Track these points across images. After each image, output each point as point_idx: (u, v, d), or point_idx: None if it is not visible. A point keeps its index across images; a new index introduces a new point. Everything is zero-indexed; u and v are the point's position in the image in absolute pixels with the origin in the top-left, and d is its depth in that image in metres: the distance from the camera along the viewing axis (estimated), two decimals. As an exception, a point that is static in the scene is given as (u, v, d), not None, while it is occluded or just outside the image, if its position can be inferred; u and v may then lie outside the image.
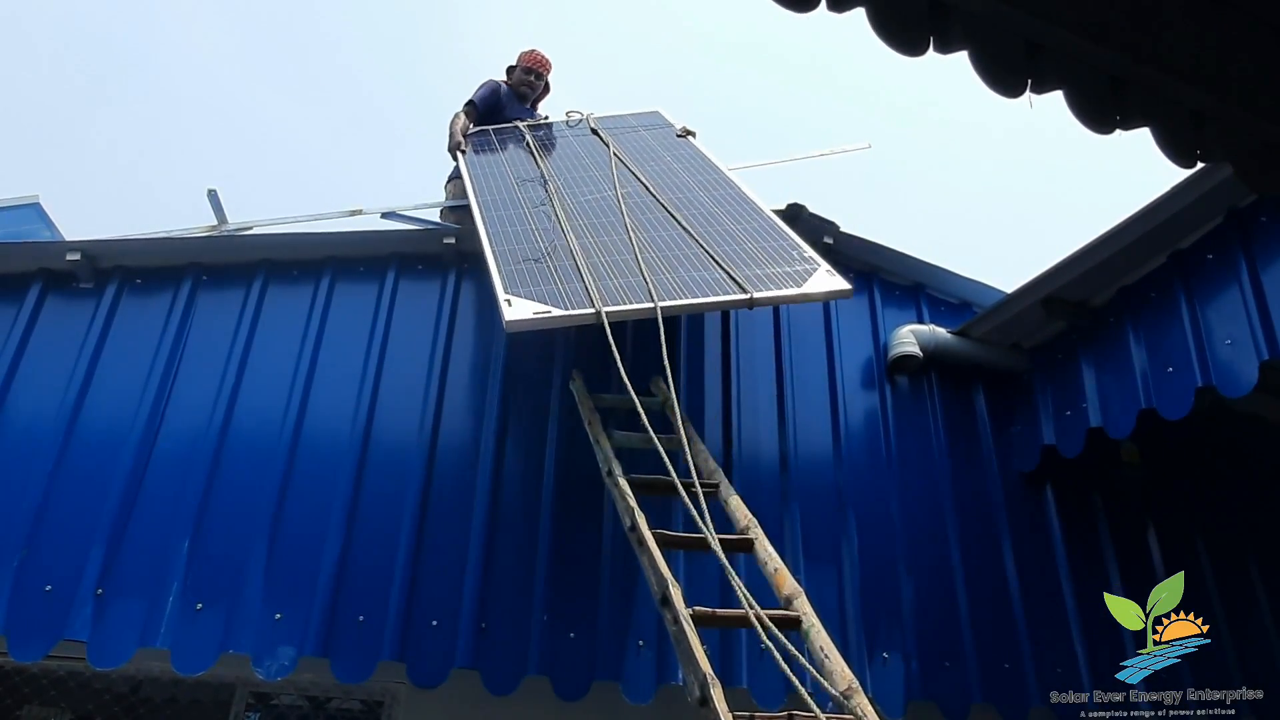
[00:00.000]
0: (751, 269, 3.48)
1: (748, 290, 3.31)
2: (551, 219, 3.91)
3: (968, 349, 4.35)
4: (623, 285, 3.37)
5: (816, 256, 3.59)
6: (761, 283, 3.38)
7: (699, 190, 4.28)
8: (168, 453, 3.29)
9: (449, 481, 3.43)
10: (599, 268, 3.46)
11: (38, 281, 3.51)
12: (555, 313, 3.17)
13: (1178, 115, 2.03)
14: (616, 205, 4.02)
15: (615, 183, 4.26)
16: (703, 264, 3.52)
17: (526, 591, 3.27)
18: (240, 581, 3.08)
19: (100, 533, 3.06)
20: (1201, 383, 3.34)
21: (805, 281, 3.41)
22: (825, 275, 3.45)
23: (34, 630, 2.88)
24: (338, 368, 3.60)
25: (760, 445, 3.86)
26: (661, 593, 2.28)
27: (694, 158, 4.74)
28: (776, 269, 3.49)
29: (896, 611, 3.67)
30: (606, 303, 3.20)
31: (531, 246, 3.65)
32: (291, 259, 3.83)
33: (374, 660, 3.04)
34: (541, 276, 3.40)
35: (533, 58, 5.58)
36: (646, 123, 5.29)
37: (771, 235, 3.78)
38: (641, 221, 3.87)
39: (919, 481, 4.05)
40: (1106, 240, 3.76)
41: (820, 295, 3.45)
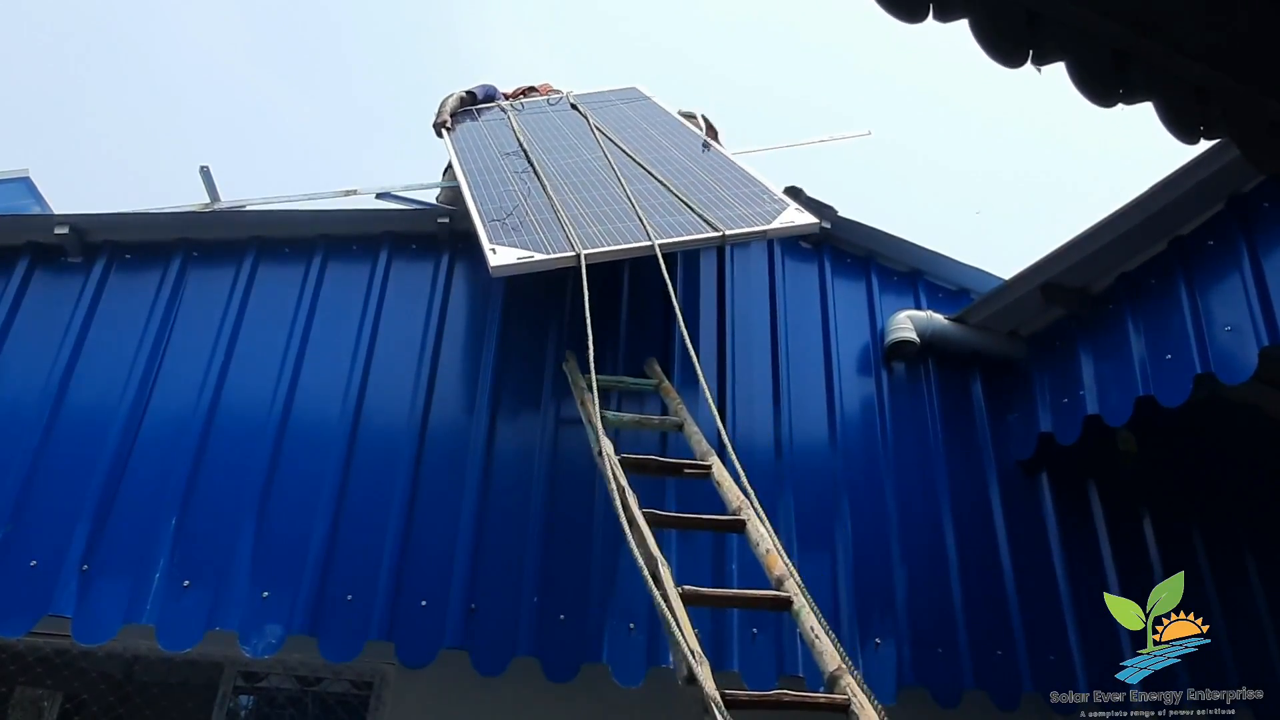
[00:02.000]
0: (724, 211, 3.69)
1: (720, 229, 3.51)
2: (533, 180, 4.05)
3: (965, 336, 4.32)
4: (601, 231, 3.53)
5: (785, 198, 3.82)
6: (733, 222, 3.59)
7: (674, 149, 4.46)
8: (155, 430, 3.25)
9: (440, 462, 3.40)
10: (579, 218, 3.63)
11: (25, 255, 3.47)
12: (538, 257, 3.31)
13: (1181, 90, 2.00)
14: (594, 166, 4.17)
15: (593, 147, 4.35)
16: (678, 210, 3.73)
17: (517, 572, 3.24)
18: (228, 559, 3.05)
19: (86, 509, 3.03)
20: (1200, 370, 3.32)
21: (774, 219, 3.64)
22: (793, 212, 3.69)
23: (18, 605, 2.85)
24: (329, 347, 3.56)
25: (755, 430, 3.83)
26: (651, 571, 2.25)
27: (670, 125, 4.89)
28: (748, 210, 3.71)
29: (890, 597, 3.65)
30: (586, 247, 3.36)
31: (514, 204, 3.80)
32: (283, 237, 3.79)
33: (362, 639, 3.01)
34: (524, 228, 3.56)
35: (544, 88, 5.61)
36: (624, 97, 5.43)
37: (743, 183, 4.00)
38: (619, 178, 4.03)
39: (914, 468, 4.02)
40: (1106, 226, 3.72)
41: (787, 229, 3.68)
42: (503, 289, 3.89)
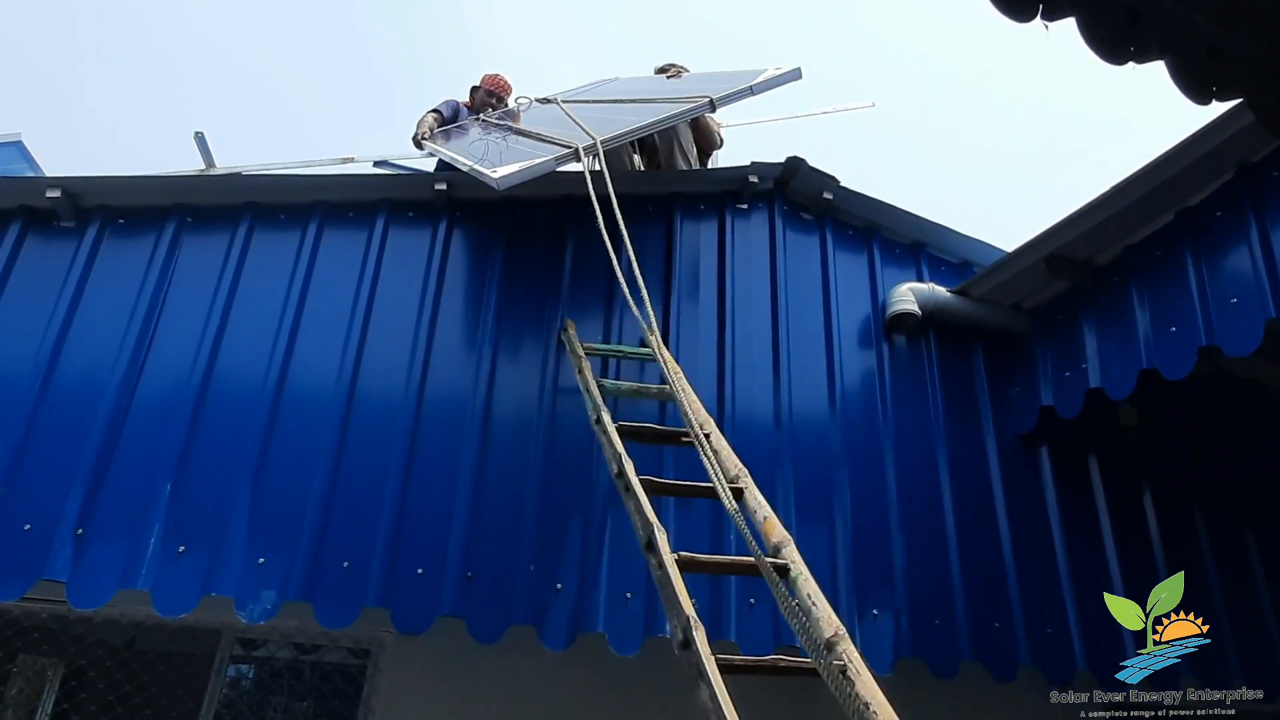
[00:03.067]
0: (711, 87, 4.14)
1: (707, 94, 3.93)
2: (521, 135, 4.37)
3: (967, 308, 4.28)
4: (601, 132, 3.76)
5: (767, 70, 4.18)
6: (720, 92, 3.99)
7: (654, 84, 4.98)
8: (150, 396, 3.23)
9: (437, 429, 3.37)
10: (569, 134, 3.87)
11: (17, 219, 3.43)
12: (538, 160, 3.45)
13: (1194, 49, 1.95)
14: (579, 113, 4.38)
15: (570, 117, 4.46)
16: (667, 107, 4.08)
17: (514, 541, 3.23)
18: (223, 525, 3.04)
19: (81, 474, 3.01)
20: (1205, 341, 3.28)
21: (756, 78, 4.05)
22: (772, 70, 4.05)
23: (12, 569, 2.83)
24: (325, 313, 3.53)
25: (754, 401, 3.80)
26: (647, 537, 2.23)
27: (649, 80, 5.24)
28: (731, 84, 4.14)
29: (888, 570, 3.64)
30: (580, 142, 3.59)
31: (504, 148, 4.15)
32: (279, 202, 3.74)
33: (358, 606, 3.00)
34: (517, 155, 3.78)
35: (494, 81, 5.58)
36: (602, 90, 5.49)
37: (726, 76, 4.43)
38: (602, 118, 4.27)
39: (914, 441, 4.00)
40: (1112, 197, 3.67)
41: (770, 80, 4.04)
42: (501, 255, 3.85)
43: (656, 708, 3.39)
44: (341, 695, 3.64)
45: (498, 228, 3.94)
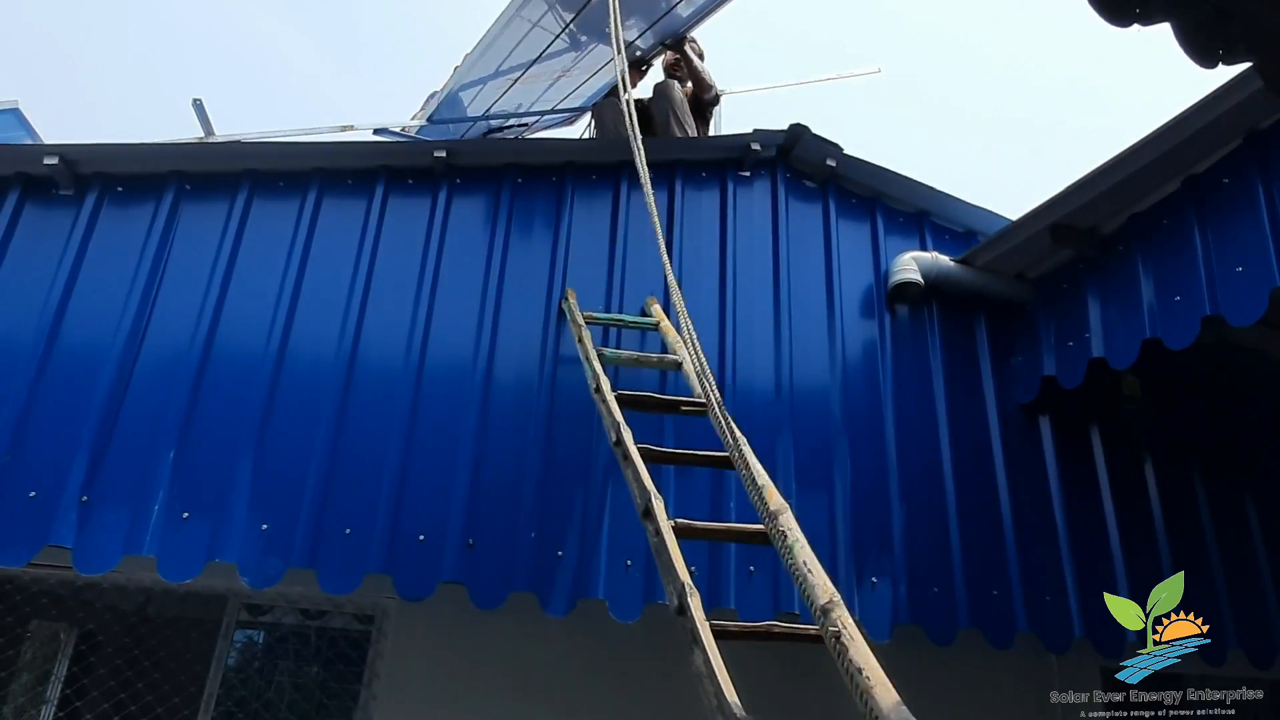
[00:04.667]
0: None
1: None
2: None
3: (971, 278, 4.26)
4: None
5: None
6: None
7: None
8: (152, 364, 3.24)
9: (438, 397, 3.38)
10: None
11: (15, 187, 3.42)
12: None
13: (1201, 10, 1.91)
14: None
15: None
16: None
17: (514, 508, 3.25)
18: (227, 492, 3.06)
19: (84, 441, 3.03)
20: (1209, 311, 3.25)
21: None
22: None
23: (18, 535, 2.86)
24: (325, 280, 3.52)
25: (755, 369, 3.80)
26: (644, 505, 2.25)
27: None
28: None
29: (887, 538, 3.66)
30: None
31: None
32: (277, 170, 3.72)
33: (360, 572, 3.04)
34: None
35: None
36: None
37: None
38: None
39: (915, 410, 4.00)
40: (1118, 164, 3.62)
41: None
42: (502, 223, 3.83)
43: (657, 672, 3.44)
44: (347, 660, 3.70)
45: (498, 195, 3.91)
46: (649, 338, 3.70)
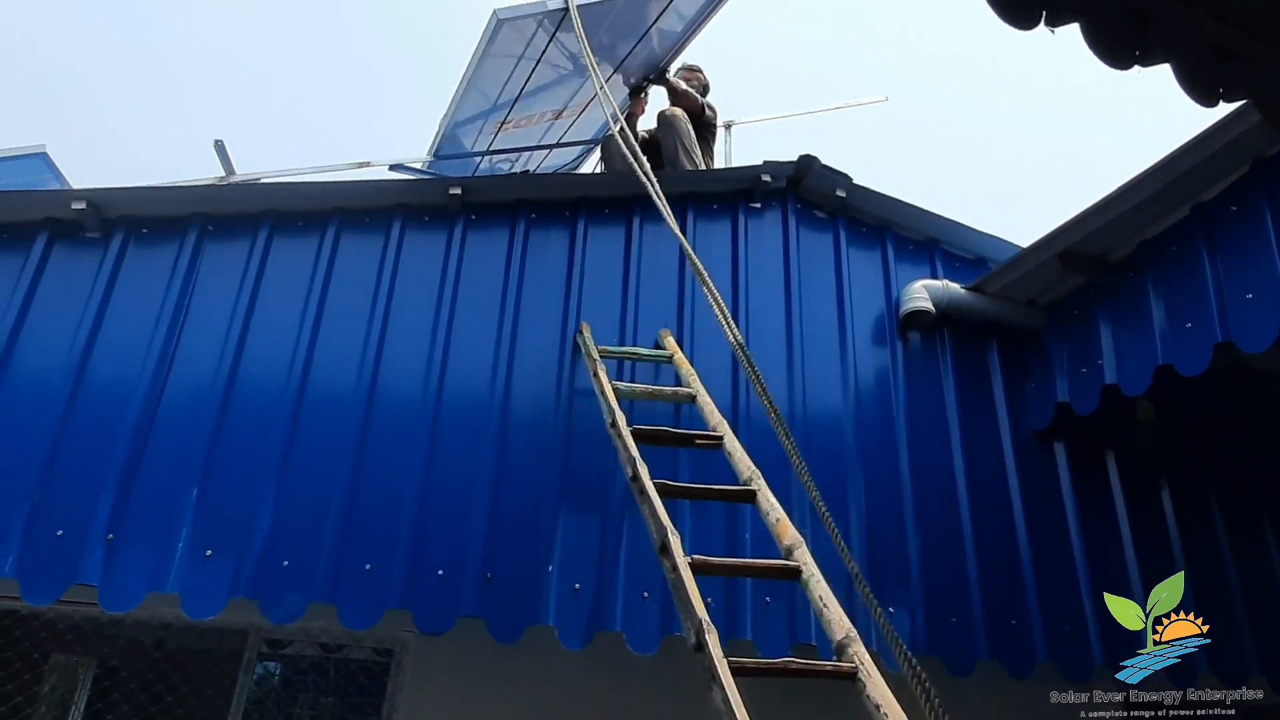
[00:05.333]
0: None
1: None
2: None
3: (982, 305, 4.28)
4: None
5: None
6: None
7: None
8: (176, 401, 3.29)
9: (455, 431, 3.43)
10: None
11: (44, 231, 3.50)
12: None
13: (1200, 51, 1.95)
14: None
15: None
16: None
17: (532, 542, 3.28)
18: (248, 528, 3.10)
19: (110, 480, 3.08)
20: (1221, 338, 3.27)
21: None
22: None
23: (46, 574, 2.91)
24: (344, 317, 3.58)
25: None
26: (661, 540, 2.27)
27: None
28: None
29: (904, 567, 3.66)
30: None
31: None
32: (297, 209, 3.80)
33: (381, 607, 3.07)
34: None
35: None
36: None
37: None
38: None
39: (929, 438, 4.01)
40: (1126, 192, 3.66)
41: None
42: (516, 257, 3.89)
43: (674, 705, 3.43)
44: (366, 692, 3.72)
45: (513, 230, 3.98)
46: (663, 370, 3.74)
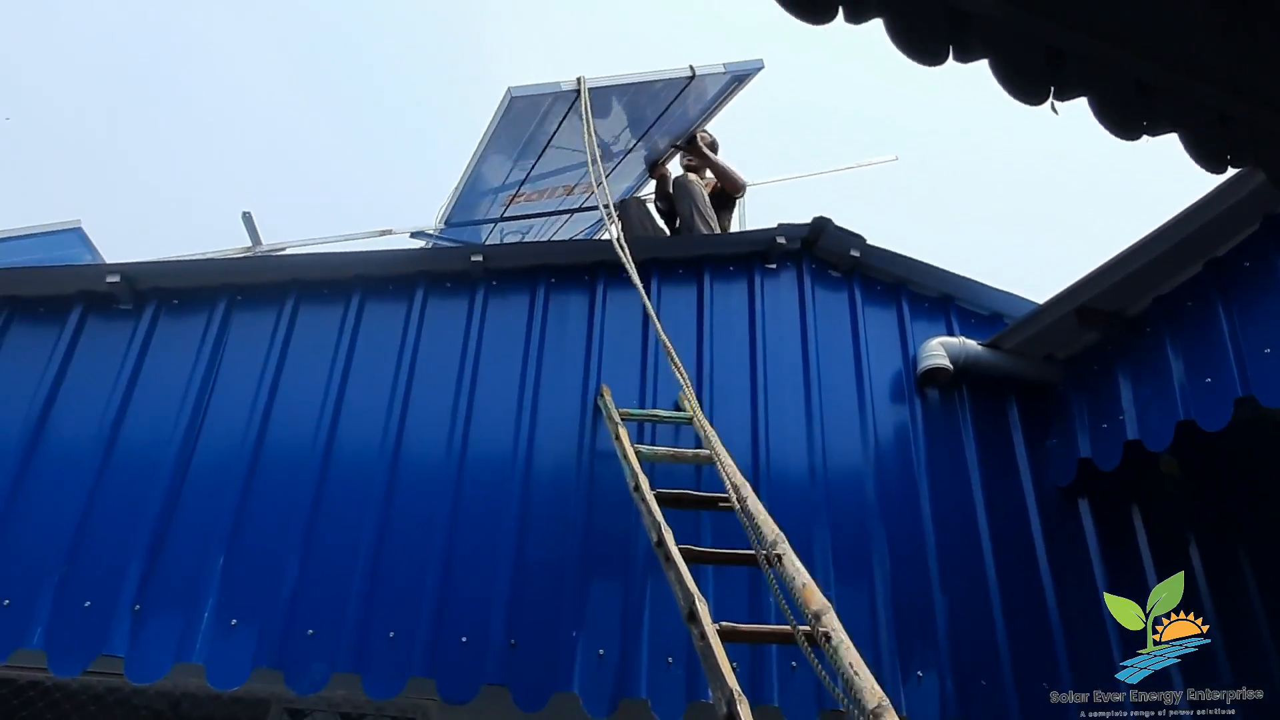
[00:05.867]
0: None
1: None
2: None
3: (1000, 361, 4.30)
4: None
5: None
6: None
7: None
8: (203, 470, 3.34)
9: (478, 497, 3.45)
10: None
11: (79, 304, 3.60)
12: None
13: (1206, 119, 2.01)
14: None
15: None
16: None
17: (555, 608, 3.27)
18: (273, 597, 3.11)
19: (138, 550, 3.11)
20: (1241, 393, 3.26)
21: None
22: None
23: (74, 646, 2.92)
24: (368, 383, 3.64)
25: (788, 459, 3.83)
26: (688, 608, 2.27)
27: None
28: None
29: (931, 629, 3.62)
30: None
31: None
32: (322, 278, 3.89)
33: (404, 676, 3.05)
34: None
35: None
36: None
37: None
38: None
39: (952, 496, 3.99)
40: (1140, 249, 3.70)
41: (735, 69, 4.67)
42: (536, 322, 3.95)
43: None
44: (387, 762, 3.66)
45: (533, 295, 4.05)
46: (683, 430, 3.76)
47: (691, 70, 4.53)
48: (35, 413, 3.31)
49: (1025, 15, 1.86)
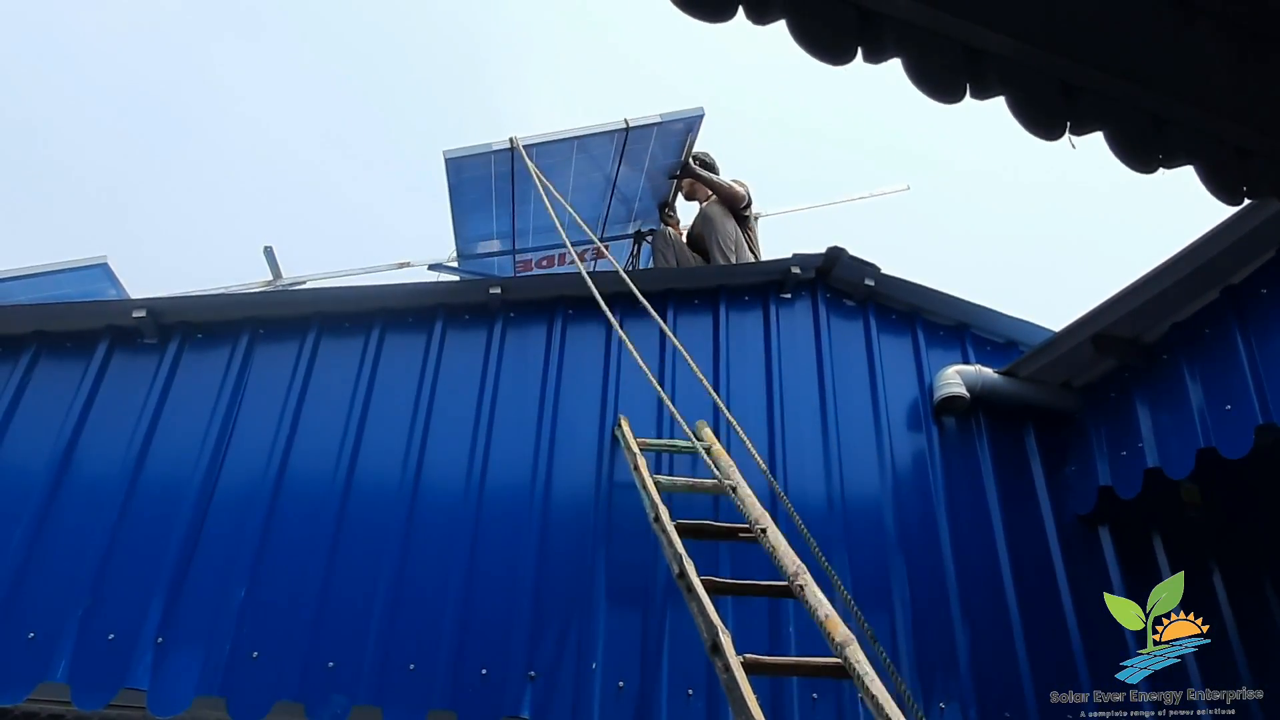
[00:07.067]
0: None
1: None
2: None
3: (1016, 389, 4.29)
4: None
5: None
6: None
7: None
8: (225, 503, 3.36)
9: (497, 528, 3.46)
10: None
11: (105, 338, 3.66)
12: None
13: (1222, 152, 2.03)
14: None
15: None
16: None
17: (575, 639, 3.27)
18: (294, 630, 3.12)
19: (161, 582, 3.13)
20: (1261, 420, 3.25)
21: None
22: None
23: (97, 679, 2.94)
24: (388, 414, 3.67)
25: (806, 489, 3.83)
26: (711, 640, 2.27)
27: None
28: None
29: (952, 659, 3.59)
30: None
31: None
32: (342, 311, 3.94)
33: (425, 709, 3.05)
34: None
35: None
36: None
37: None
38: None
39: (971, 524, 3.98)
40: (1156, 276, 3.70)
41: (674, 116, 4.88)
42: (554, 353, 3.98)
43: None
44: (405, 797, 3.63)
45: (550, 326, 4.08)
46: (700, 460, 3.76)
47: (625, 123, 4.83)
48: (62, 446, 3.35)
49: (1040, 51, 1.89)
